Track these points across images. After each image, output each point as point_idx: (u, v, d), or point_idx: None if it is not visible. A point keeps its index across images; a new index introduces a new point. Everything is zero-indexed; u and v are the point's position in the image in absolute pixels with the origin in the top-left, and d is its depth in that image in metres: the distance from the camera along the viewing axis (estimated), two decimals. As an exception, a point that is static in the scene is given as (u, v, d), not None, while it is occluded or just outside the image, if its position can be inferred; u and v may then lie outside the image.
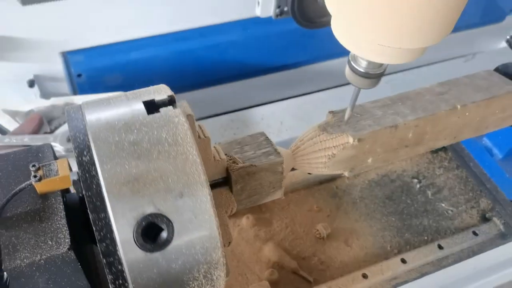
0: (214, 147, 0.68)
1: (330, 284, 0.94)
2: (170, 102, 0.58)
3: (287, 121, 1.46)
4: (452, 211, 1.11)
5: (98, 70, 1.48)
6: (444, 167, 1.19)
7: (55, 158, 0.63)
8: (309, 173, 1.06)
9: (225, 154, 0.70)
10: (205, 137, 0.64)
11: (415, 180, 1.16)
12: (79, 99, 1.32)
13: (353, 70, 0.66)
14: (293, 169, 0.83)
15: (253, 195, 0.73)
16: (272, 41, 1.59)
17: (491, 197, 1.13)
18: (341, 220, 1.06)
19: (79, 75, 1.45)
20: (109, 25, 1.40)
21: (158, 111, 0.56)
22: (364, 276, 0.96)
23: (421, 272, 1.00)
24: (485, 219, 1.10)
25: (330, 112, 0.78)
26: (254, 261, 0.99)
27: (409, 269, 0.99)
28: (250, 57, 1.61)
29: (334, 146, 0.75)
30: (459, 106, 0.81)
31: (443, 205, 1.12)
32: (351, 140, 0.73)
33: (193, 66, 1.58)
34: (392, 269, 0.98)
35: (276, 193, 0.77)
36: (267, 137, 0.75)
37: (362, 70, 0.65)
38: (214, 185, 0.69)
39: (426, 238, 1.06)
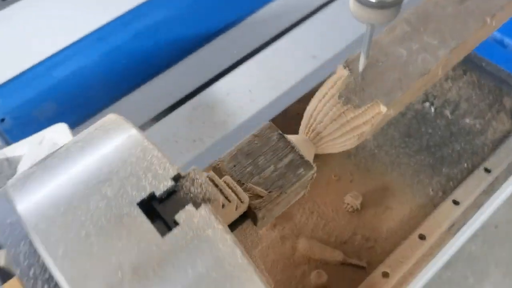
0: (224, 180, 0.48)
1: (389, 262, 0.79)
2: (175, 179, 0.38)
3: (257, 86, 1.26)
4: (480, 123, 0.96)
5: (23, 106, 1.22)
6: (451, 78, 1.02)
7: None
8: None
9: (242, 184, 0.50)
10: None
11: (427, 104, 0.99)
12: (12, 150, 1.08)
13: (362, 1, 0.47)
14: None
15: (278, 214, 0.55)
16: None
17: (515, 92, 0.98)
18: (367, 181, 0.90)
19: (2, 120, 1.20)
20: (17, 48, 1.14)
21: (175, 223, 0.36)
22: (422, 237, 0.81)
23: (478, 205, 0.85)
24: (517, 119, 0.96)
25: (344, 66, 0.59)
26: (292, 267, 0.82)
27: (464, 208, 0.84)
28: (189, 27, 1.37)
29: (364, 123, 0.56)
30: (488, 20, 0.62)
31: (467, 121, 0.96)
32: (384, 109, 0.55)
33: (130, 61, 1.34)
34: (447, 216, 0.83)
35: (300, 195, 0.59)
36: (278, 131, 0.55)
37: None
38: (233, 223, 0.50)
39: (466, 165, 0.91)
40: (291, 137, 0.55)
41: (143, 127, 1.36)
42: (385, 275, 0.78)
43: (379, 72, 0.58)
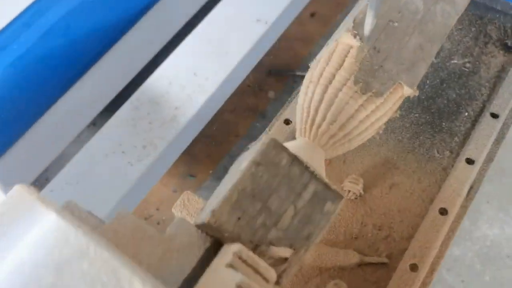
0: (237, 254, 0.31)
1: (413, 251, 0.66)
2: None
3: (201, 67, 1.08)
4: (470, 62, 0.83)
5: None
6: (424, 15, 0.88)
7: None
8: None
9: (256, 247, 0.33)
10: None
11: (406, 51, 0.85)
12: None
13: None
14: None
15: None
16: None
17: (499, 16, 0.86)
18: (362, 157, 0.75)
19: None
20: None
21: None
22: (442, 211, 0.68)
23: (492, 159, 0.74)
24: (508, 47, 0.84)
25: (353, 33, 0.42)
26: (302, 284, 0.67)
27: (480, 166, 0.72)
28: (104, 12, 1.15)
29: (384, 114, 0.41)
30: None
31: (455, 61, 0.84)
32: (409, 92, 0.40)
33: (43, 66, 1.12)
34: (465, 179, 0.70)
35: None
36: (287, 151, 0.37)
37: None
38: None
39: (467, 113, 0.78)
40: (290, 146, 0.39)
41: (79, 140, 1.15)
42: (413, 268, 0.65)
43: (394, 37, 0.42)
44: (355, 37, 0.42)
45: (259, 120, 1.43)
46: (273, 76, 1.49)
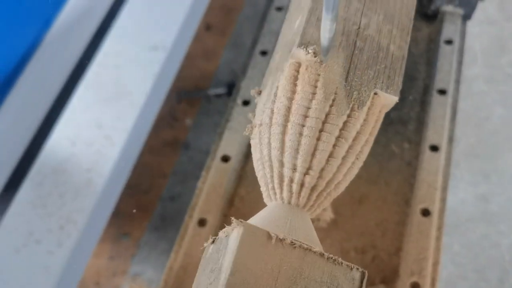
0: None
1: (408, 268, 0.57)
2: None
3: (102, 115, 0.93)
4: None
5: None
6: None
7: None
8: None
9: None
10: None
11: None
12: None
13: None
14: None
15: None
16: None
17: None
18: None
19: None
20: None
21: None
22: (425, 212, 0.60)
23: (451, 138, 0.67)
24: (429, 16, 0.79)
25: (303, 47, 0.32)
26: None
27: (445, 151, 0.65)
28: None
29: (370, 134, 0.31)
30: None
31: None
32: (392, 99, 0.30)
33: None
34: (435, 170, 0.63)
35: None
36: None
37: None
38: None
39: (411, 97, 0.71)
40: (263, 216, 0.28)
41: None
42: (415, 286, 0.56)
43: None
44: (306, 51, 0.32)
45: (183, 153, 1.30)
46: (184, 100, 1.37)
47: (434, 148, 0.64)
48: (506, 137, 1.36)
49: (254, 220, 0.30)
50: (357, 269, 0.33)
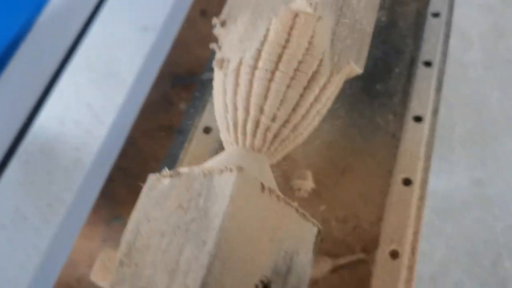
0: None
1: (387, 236, 0.57)
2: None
3: (92, 94, 0.93)
4: (383, 16, 0.76)
5: None
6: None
7: None
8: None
9: None
10: None
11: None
12: None
13: None
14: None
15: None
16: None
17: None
18: (304, 147, 0.65)
19: None
20: None
21: None
22: (406, 181, 0.60)
23: (436, 110, 0.67)
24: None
25: None
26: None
27: (429, 123, 0.65)
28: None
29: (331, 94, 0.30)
30: None
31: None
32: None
33: None
34: (418, 140, 0.62)
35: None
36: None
37: None
38: None
39: (397, 70, 0.70)
40: (225, 158, 0.27)
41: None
42: (394, 254, 0.56)
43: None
44: (311, 4, 0.32)
45: (177, 137, 1.30)
46: (178, 86, 1.36)
47: (418, 119, 0.64)
48: (503, 122, 1.35)
49: (210, 163, 0.30)
50: (316, 224, 0.34)
